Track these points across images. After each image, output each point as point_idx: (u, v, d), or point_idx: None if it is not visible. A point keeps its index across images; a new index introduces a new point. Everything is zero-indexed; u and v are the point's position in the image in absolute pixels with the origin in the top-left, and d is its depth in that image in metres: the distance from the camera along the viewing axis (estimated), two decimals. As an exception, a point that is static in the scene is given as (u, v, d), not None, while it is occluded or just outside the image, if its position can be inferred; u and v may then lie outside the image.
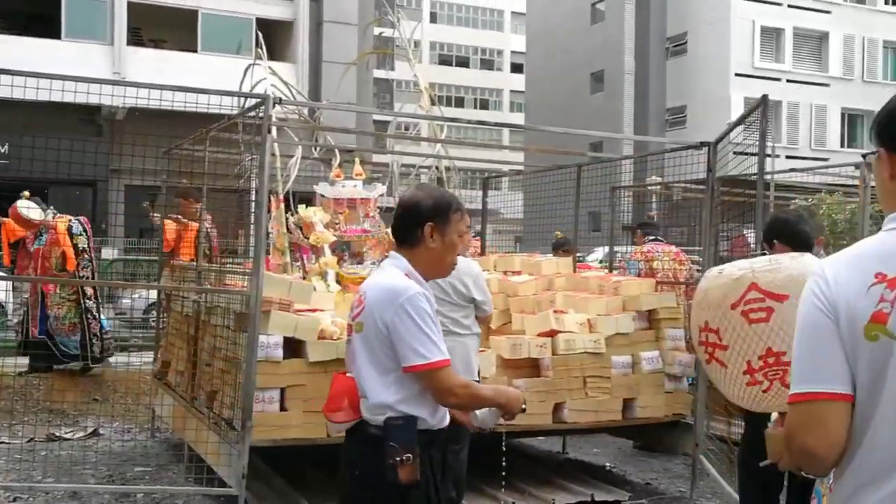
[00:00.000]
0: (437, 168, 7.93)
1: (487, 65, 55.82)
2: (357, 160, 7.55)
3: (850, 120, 36.10)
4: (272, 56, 24.37)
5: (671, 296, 6.44)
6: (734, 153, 6.05)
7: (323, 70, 24.40)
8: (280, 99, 5.40)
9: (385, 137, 9.18)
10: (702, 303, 2.42)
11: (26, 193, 9.01)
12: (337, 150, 7.54)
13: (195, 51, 23.26)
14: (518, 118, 48.24)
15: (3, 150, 20.45)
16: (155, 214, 7.92)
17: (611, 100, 36.94)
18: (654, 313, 6.29)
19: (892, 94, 2.00)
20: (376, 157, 9.46)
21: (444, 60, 54.50)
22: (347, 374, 2.89)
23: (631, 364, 6.11)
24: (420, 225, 2.82)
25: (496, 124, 6.61)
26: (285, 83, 8.06)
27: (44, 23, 21.74)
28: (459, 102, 53.89)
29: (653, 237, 8.28)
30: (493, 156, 53.10)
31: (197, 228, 7.08)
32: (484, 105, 55.04)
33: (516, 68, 51.67)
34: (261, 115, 4.94)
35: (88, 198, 23.25)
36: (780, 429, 2.18)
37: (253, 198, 5.46)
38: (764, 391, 2.33)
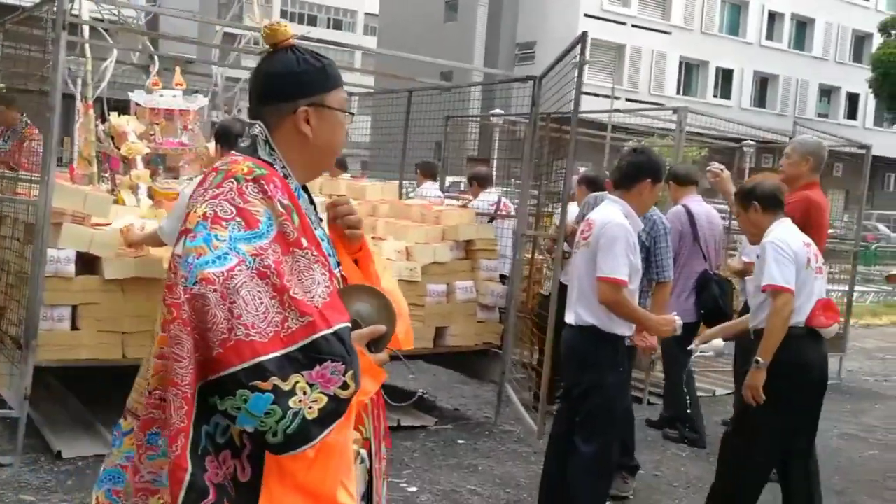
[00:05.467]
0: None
1: (342, -17, 54.35)
2: (178, 69, 7.12)
3: (688, 68, 37.71)
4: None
5: (490, 227, 6.51)
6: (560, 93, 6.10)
7: (162, -28, 22.88)
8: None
9: (213, 47, 8.69)
10: None
11: None
12: (156, 57, 7.06)
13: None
14: (371, 41, 47.38)
15: None
16: None
17: (463, 30, 36.84)
18: (471, 244, 6.34)
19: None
20: (203, 69, 8.95)
21: (298, -25, 52.60)
22: None
23: (445, 293, 6.15)
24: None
25: (319, 41, 6.22)
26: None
27: None
28: (312, 21, 52.26)
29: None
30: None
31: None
32: (337, 25, 53.67)
33: (371, -10, 50.57)
34: (55, 10, 4.51)
35: None
36: None
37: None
38: None
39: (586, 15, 33.94)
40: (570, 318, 4.17)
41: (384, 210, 6.95)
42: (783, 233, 4.08)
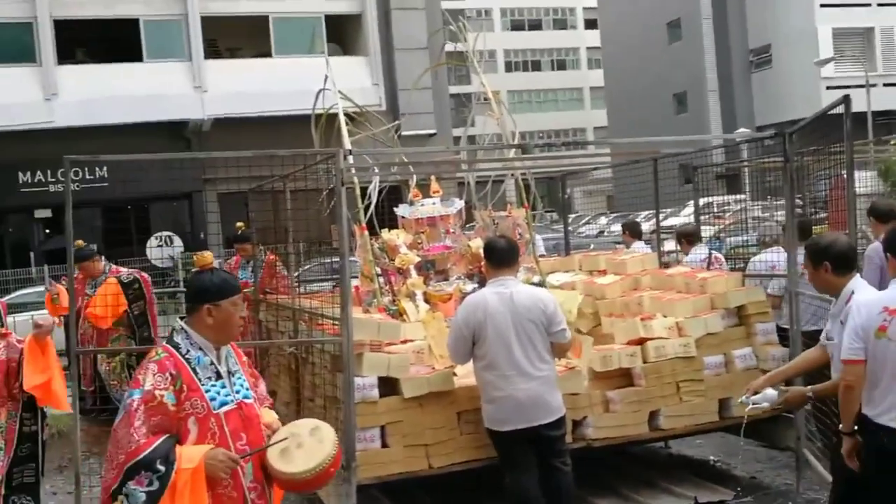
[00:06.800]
0: (513, 174, 7.97)
1: (560, 24, 54.97)
2: (433, 177, 7.67)
3: (952, 38, 34.11)
4: (345, 51, 24.77)
5: (759, 290, 6.36)
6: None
7: (396, 58, 24.56)
8: (350, 151, 5.57)
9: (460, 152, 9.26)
10: None
11: None
12: (413, 172, 7.68)
13: (270, 55, 23.77)
14: (597, 75, 47.49)
15: (103, 174, 21.48)
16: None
17: (690, 47, 35.92)
18: (743, 309, 6.23)
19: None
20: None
21: (517, 26, 53.94)
22: None
23: (724, 363, 6.08)
24: None
25: (570, 143, 6.28)
26: (358, 107, 8.22)
27: (125, 48, 22.58)
28: (536, 66, 53.36)
29: None
30: (573, 120, 52.19)
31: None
32: (561, 65, 54.34)
33: (590, 24, 50.75)
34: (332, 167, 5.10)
35: (185, 209, 24.24)
36: None
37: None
38: None
39: (823, 5, 31.86)
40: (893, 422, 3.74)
41: (646, 282, 7.00)
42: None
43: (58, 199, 21.69)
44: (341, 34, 24.83)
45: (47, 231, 23.95)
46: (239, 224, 9.32)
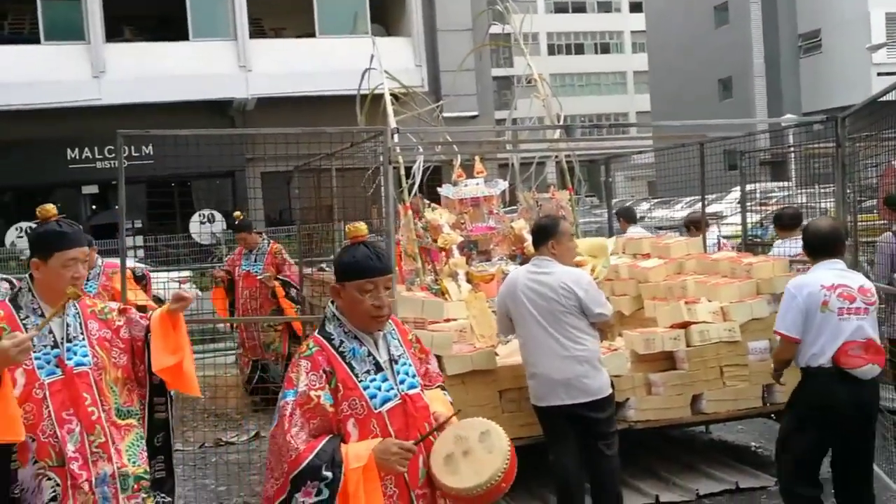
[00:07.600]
0: (556, 157, 7.96)
1: (605, 7, 54.41)
2: (477, 158, 7.68)
3: None
4: (388, 32, 24.77)
5: (806, 276, 6.28)
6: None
7: (439, 39, 24.49)
8: (398, 129, 5.60)
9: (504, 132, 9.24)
10: None
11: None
12: (458, 152, 7.70)
13: (313, 35, 23.84)
14: (641, 59, 47.00)
15: (148, 151, 21.78)
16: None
17: (738, 32, 35.34)
18: (789, 295, 6.16)
19: None
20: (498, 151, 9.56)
21: (560, 8, 53.50)
22: None
23: (768, 349, 6.02)
24: None
25: (617, 124, 6.19)
26: (405, 87, 8.25)
27: (172, 26, 22.81)
28: (579, 49, 52.90)
29: None
30: (616, 104, 51.71)
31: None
32: (605, 49, 53.82)
33: (635, 7, 50.15)
34: (380, 146, 5.14)
35: (228, 187, 24.49)
36: None
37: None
38: None
39: (876, -12, 31.11)
40: None
41: (691, 266, 6.95)
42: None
43: (105, 176, 22.07)
44: (384, 15, 24.81)
45: (94, 207, 24.37)
46: (237, 213, 9.34)
